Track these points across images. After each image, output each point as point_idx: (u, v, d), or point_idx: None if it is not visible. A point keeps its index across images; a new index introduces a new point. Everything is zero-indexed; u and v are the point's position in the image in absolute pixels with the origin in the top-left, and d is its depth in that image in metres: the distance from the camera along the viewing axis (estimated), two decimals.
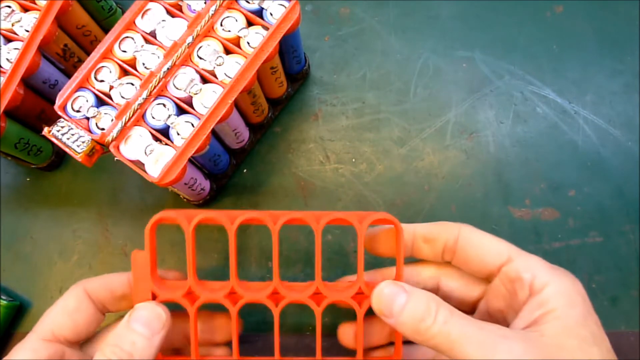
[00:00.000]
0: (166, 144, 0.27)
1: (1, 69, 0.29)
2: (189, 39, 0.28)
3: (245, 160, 0.36)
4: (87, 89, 0.28)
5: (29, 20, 0.30)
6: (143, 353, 0.24)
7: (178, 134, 0.27)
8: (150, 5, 0.29)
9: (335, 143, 0.36)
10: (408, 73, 0.37)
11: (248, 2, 0.29)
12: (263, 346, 0.32)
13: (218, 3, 0.28)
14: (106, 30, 0.33)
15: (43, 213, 0.35)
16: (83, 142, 0.27)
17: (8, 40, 0.30)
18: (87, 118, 0.28)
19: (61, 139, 0.27)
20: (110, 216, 0.35)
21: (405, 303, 0.23)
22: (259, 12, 0.29)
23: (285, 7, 0.28)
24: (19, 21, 0.30)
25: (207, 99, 0.28)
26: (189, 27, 0.28)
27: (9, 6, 0.30)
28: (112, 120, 0.28)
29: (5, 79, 0.29)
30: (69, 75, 0.29)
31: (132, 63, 0.29)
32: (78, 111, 0.28)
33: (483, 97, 0.36)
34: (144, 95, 0.27)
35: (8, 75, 0.29)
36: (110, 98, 0.28)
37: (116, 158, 0.27)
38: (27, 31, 0.29)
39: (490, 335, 0.22)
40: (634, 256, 0.33)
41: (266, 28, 0.28)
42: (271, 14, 0.29)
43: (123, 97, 0.28)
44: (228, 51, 0.29)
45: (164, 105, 0.28)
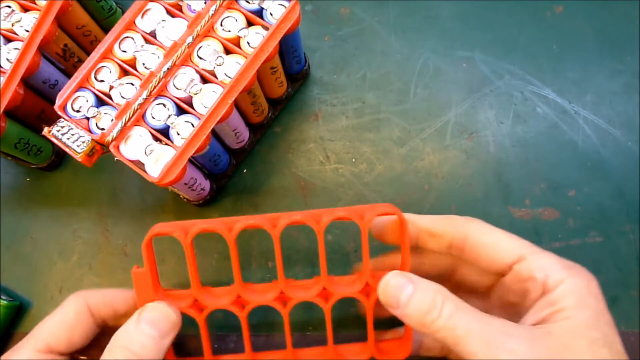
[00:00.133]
0: (166, 144, 0.27)
1: (1, 69, 0.29)
2: (189, 39, 0.28)
3: (245, 160, 0.36)
4: (87, 89, 0.28)
5: (29, 20, 0.30)
6: (151, 355, 0.23)
7: (178, 134, 0.27)
8: (150, 5, 0.29)
9: (335, 143, 0.36)
10: (408, 73, 0.37)
11: (248, 2, 0.29)
12: (264, 346, 0.32)
13: (218, 3, 0.28)
14: (106, 30, 0.33)
15: (43, 213, 0.35)
16: (83, 142, 0.27)
17: (8, 40, 0.30)
18: (87, 118, 0.28)
19: (61, 139, 0.27)
20: (110, 216, 0.35)
21: (411, 295, 0.23)
22: (259, 12, 0.29)
23: (285, 7, 0.28)
24: (19, 21, 0.30)
25: (207, 99, 0.28)
26: (189, 27, 0.28)
27: (9, 6, 0.30)
28: (112, 120, 0.28)
29: (5, 79, 0.29)
30: (69, 75, 0.29)
31: (132, 63, 0.29)
32: (78, 111, 0.28)
33: (483, 97, 0.36)
34: (144, 95, 0.27)
35: (8, 75, 0.29)
36: (110, 98, 0.28)
37: (116, 158, 0.27)
38: (27, 31, 0.29)
39: (495, 332, 0.21)
40: (634, 256, 0.33)
41: (266, 28, 0.29)
42: (271, 14, 0.29)
43: (123, 97, 0.28)
44: (228, 51, 0.29)
45: (164, 105, 0.28)
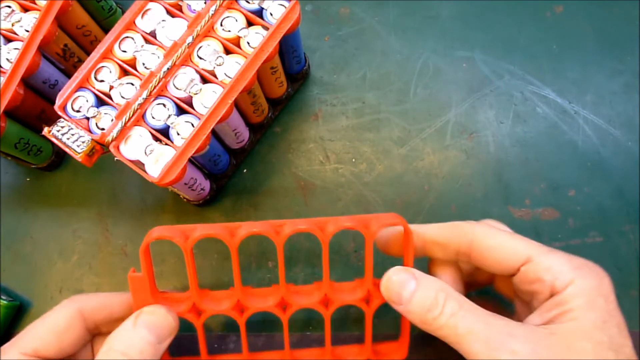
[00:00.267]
0: (166, 144, 0.27)
1: (1, 69, 0.29)
2: (189, 39, 0.28)
3: (245, 160, 0.36)
4: (87, 89, 0.28)
5: (29, 20, 0.30)
6: (144, 356, 0.23)
7: (178, 134, 0.27)
8: (150, 5, 0.29)
9: (335, 143, 0.36)
10: (408, 73, 0.37)
11: (248, 2, 0.29)
12: (264, 346, 0.32)
13: (218, 3, 0.28)
14: (106, 30, 0.33)
15: (43, 213, 0.35)
16: (83, 142, 0.27)
17: (8, 40, 0.30)
18: (87, 118, 0.28)
19: (61, 139, 0.27)
20: (110, 216, 0.35)
21: (414, 291, 0.23)
22: (259, 12, 0.29)
23: (285, 7, 0.28)
24: (19, 21, 0.30)
25: (207, 99, 0.28)
26: (189, 27, 0.28)
27: (9, 6, 0.30)
28: (112, 120, 0.28)
29: (5, 79, 0.29)
30: (69, 75, 0.29)
31: (132, 63, 0.29)
32: (78, 111, 0.28)
33: (483, 97, 0.36)
34: (144, 95, 0.27)
35: (8, 75, 0.29)
36: (110, 98, 0.28)
37: (116, 158, 0.27)
38: (27, 31, 0.29)
39: (497, 332, 0.21)
40: (634, 256, 0.33)
41: (266, 28, 0.28)
42: (271, 14, 0.29)
43: (123, 97, 0.28)
44: (228, 51, 0.29)
45: (164, 105, 0.28)
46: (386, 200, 0.34)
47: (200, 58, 0.28)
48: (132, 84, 0.28)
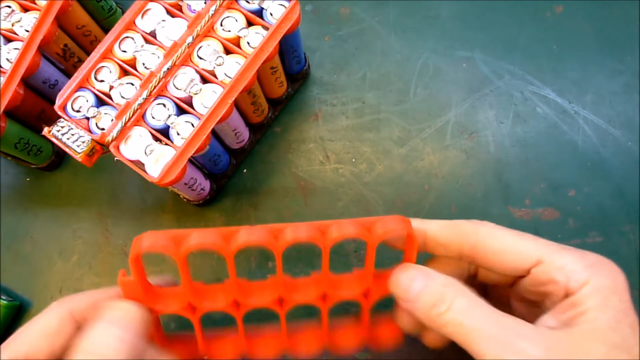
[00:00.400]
0: (166, 144, 0.27)
1: (1, 69, 0.29)
2: (189, 39, 0.28)
3: (245, 160, 0.36)
4: (87, 89, 0.28)
5: (29, 20, 0.30)
6: (120, 355, 0.22)
7: (178, 134, 0.27)
8: (150, 5, 0.29)
9: (335, 143, 0.36)
10: (408, 73, 0.37)
11: (248, 2, 0.29)
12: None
13: (218, 3, 0.28)
14: (106, 30, 0.33)
15: (43, 213, 0.35)
16: (83, 142, 0.27)
17: (8, 40, 0.30)
18: (87, 118, 0.28)
19: (61, 139, 0.27)
20: (110, 216, 0.35)
21: (421, 287, 0.22)
22: (259, 12, 0.29)
23: (285, 7, 0.28)
24: (19, 21, 0.30)
25: (207, 99, 0.28)
26: (189, 27, 0.28)
27: (9, 6, 0.30)
28: (112, 120, 0.28)
29: (5, 79, 0.29)
30: (69, 75, 0.29)
31: (132, 63, 0.29)
32: (78, 111, 0.28)
33: (483, 97, 0.36)
34: (144, 95, 0.27)
35: (8, 75, 0.29)
36: (110, 98, 0.28)
37: (116, 158, 0.27)
38: (27, 31, 0.29)
39: (508, 332, 0.20)
40: (634, 256, 0.33)
41: (266, 28, 0.29)
42: (271, 14, 0.29)
43: (123, 97, 0.28)
44: (228, 51, 0.29)
45: (164, 105, 0.28)
46: (386, 200, 0.34)
47: (200, 58, 0.28)
48: (132, 84, 0.28)
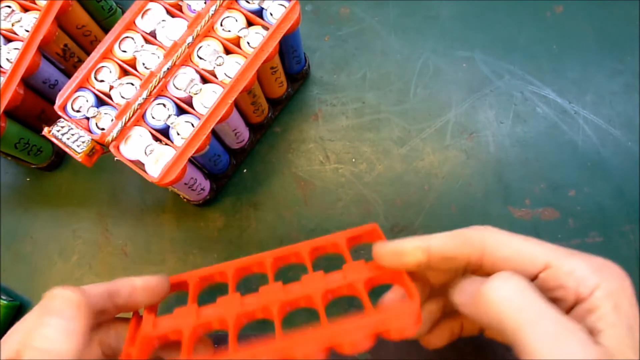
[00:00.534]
0: (166, 144, 0.27)
1: (1, 69, 0.29)
2: (189, 39, 0.28)
3: (245, 160, 0.36)
4: (87, 89, 0.28)
5: (29, 20, 0.30)
6: (62, 345, 0.21)
7: (178, 134, 0.27)
8: (150, 5, 0.29)
9: (335, 143, 0.36)
10: (408, 73, 0.37)
11: (248, 2, 0.29)
12: None
13: (218, 3, 0.28)
14: (106, 30, 0.33)
15: (43, 213, 0.35)
16: (83, 142, 0.27)
17: (8, 40, 0.30)
18: (87, 118, 0.28)
19: (61, 139, 0.27)
20: (110, 216, 0.35)
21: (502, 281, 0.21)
22: (259, 12, 0.29)
23: (285, 7, 0.28)
24: (19, 21, 0.30)
25: (207, 99, 0.28)
26: (189, 27, 0.28)
27: (9, 6, 0.30)
28: (112, 120, 0.28)
29: (5, 79, 0.29)
30: (69, 75, 0.29)
31: (132, 63, 0.29)
32: (78, 111, 0.28)
33: (483, 97, 0.36)
34: (144, 95, 0.27)
35: (8, 75, 0.29)
36: (110, 98, 0.28)
37: (116, 158, 0.27)
38: (27, 31, 0.29)
39: (568, 334, 0.19)
40: (634, 256, 0.33)
41: (266, 28, 0.28)
42: (271, 14, 0.29)
43: (123, 97, 0.28)
44: (228, 51, 0.29)
45: (164, 105, 0.28)
46: (386, 200, 0.34)
47: (200, 58, 0.28)
48: (132, 84, 0.28)
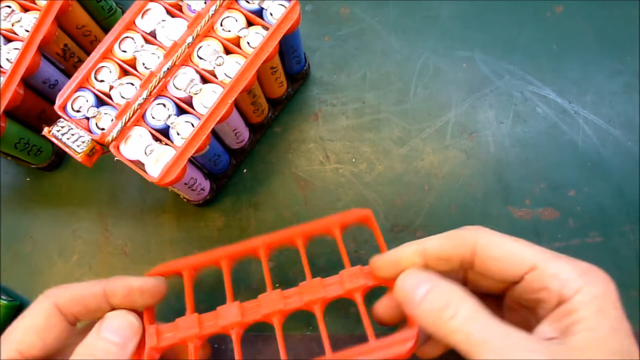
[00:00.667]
0: (166, 144, 0.27)
1: (1, 69, 0.29)
2: (189, 39, 0.28)
3: (245, 160, 0.36)
4: (87, 89, 0.28)
5: (29, 20, 0.30)
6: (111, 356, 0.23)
7: (178, 134, 0.27)
8: (150, 5, 0.29)
9: (335, 143, 0.36)
10: (408, 73, 0.37)
11: (248, 2, 0.29)
12: (264, 345, 0.32)
13: (218, 3, 0.28)
14: (106, 30, 0.33)
15: (43, 213, 0.35)
16: (83, 142, 0.27)
17: (8, 40, 0.30)
18: (87, 118, 0.28)
19: (61, 139, 0.27)
20: (110, 216, 0.35)
21: (427, 292, 0.22)
22: (259, 12, 0.29)
23: (285, 7, 0.28)
24: (19, 21, 0.30)
25: (207, 99, 0.28)
26: (189, 27, 0.28)
27: (9, 6, 0.30)
28: (112, 120, 0.28)
29: (5, 79, 0.29)
30: (69, 75, 0.29)
31: (132, 63, 0.29)
32: (78, 111, 0.28)
33: (483, 97, 0.36)
34: (144, 95, 0.27)
35: (8, 75, 0.29)
36: (110, 98, 0.28)
37: (116, 158, 0.27)
38: (27, 31, 0.29)
39: (515, 346, 0.20)
40: (634, 256, 0.33)
41: (266, 28, 0.29)
42: (271, 14, 0.29)
43: (123, 97, 0.28)
44: (228, 51, 0.29)
45: (164, 105, 0.28)
46: (386, 200, 0.34)
47: (200, 58, 0.28)
48: (132, 84, 0.28)
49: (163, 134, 0.27)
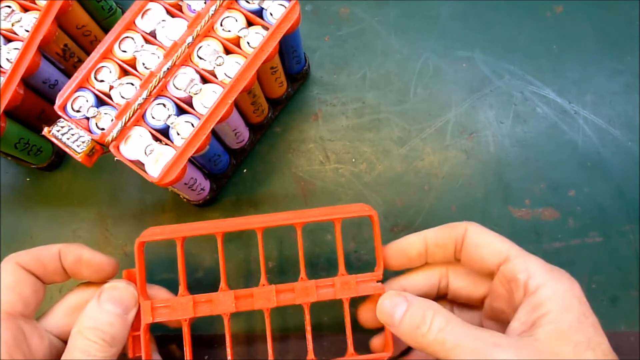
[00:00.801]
0: (166, 144, 0.27)
1: (1, 69, 0.29)
2: (189, 39, 0.28)
3: (245, 160, 0.36)
4: (87, 89, 0.28)
5: (29, 20, 0.30)
6: (120, 332, 0.25)
7: (178, 134, 0.27)
8: (150, 5, 0.29)
9: (335, 143, 0.36)
10: (408, 73, 0.37)
11: (248, 2, 0.29)
12: (261, 347, 0.32)
13: (218, 3, 0.28)
14: (106, 30, 0.33)
15: (43, 213, 0.35)
16: (83, 142, 0.27)
17: (8, 40, 0.30)
18: (87, 118, 0.28)
19: (61, 139, 0.27)
20: (110, 216, 0.35)
21: (404, 313, 0.24)
22: (259, 12, 0.29)
23: (285, 7, 0.28)
24: (19, 21, 0.30)
25: (207, 99, 0.28)
26: (189, 27, 0.28)
27: (9, 6, 0.30)
28: (112, 120, 0.28)
29: (5, 79, 0.29)
30: (69, 75, 0.29)
31: (132, 63, 0.29)
32: (78, 111, 0.28)
33: (483, 97, 0.36)
34: (144, 95, 0.27)
35: (8, 75, 0.29)
36: (110, 98, 0.28)
37: (116, 158, 0.27)
38: (27, 31, 0.29)
39: (484, 344, 0.22)
40: (634, 256, 0.33)
41: (266, 28, 0.29)
42: (271, 14, 0.29)
43: (123, 97, 0.28)
44: (228, 51, 0.29)
45: (164, 105, 0.28)
46: (386, 200, 0.34)
47: (200, 58, 0.28)
48: (132, 84, 0.28)
49: (163, 134, 0.27)
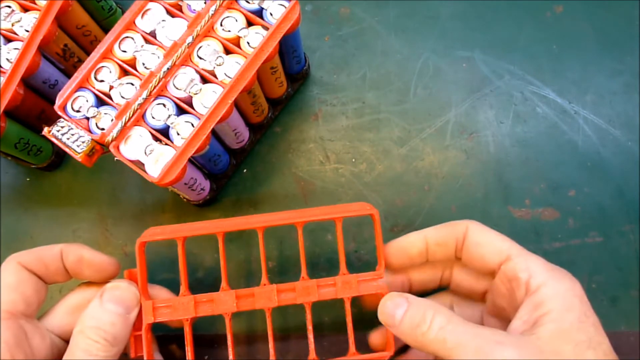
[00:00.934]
0: (166, 144, 0.27)
1: (1, 69, 0.29)
2: (189, 39, 0.28)
3: (245, 160, 0.36)
4: (87, 89, 0.28)
5: (29, 20, 0.30)
6: (122, 332, 0.25)
7: (178, 134, 0.27)
8: (150, 5, 0.29)
9: (335, 143, 0.36)
10: (408, 73, 0.37)
11: (248, 2, 0.29)
12: (262, 347, 0.32)
13: (218, 3, 0.28)
14: (106, 30, 0.33)
15: (43, 213, 0.35)
16: (83, 142, 0.27)
17: (8, 40, 0.30)
18: (87, 118, 0.28)
19: (61, 139, 0.27)
20: (110, 216, 0.35)
21: (404, 312, 0.24)
22: (259, 12, 0.29)
23: (285, 7, 0.28)
24: (19, 21, 0.30)
25: (207, 99, 0.28)
26: (189, 27, 0.28)
27: (9, 6, 0.30)
28: (112, 120, 0.28)
29: (5, 79, 0.29)
30: (69, 75, 0.29)
31: (132, 63, 0.29)
32: (78, 111, 0.28)
33: (483, 97, 0.36)
34: (144, 95, 0.27)
35: (8, 75, 0.29)
36: (110, 98, 0.28)
37: (116, 158, 0.27)
38: (27, 31, 0.29)
39: (486, 342, 0.22)
40: (634, 256, 0.33)
41: (266, 28, 0.29)
42: (271, 14, 0.29)
43: (123, 97, 0.28)
44: (228, 51, 0.29)
45: (164, 105, 0.28)
46: (386, 200, 0.34)
47: (200, 58, 0.28)
48: (132, 84, 0.28)
49: (163, 134, 0.27)
